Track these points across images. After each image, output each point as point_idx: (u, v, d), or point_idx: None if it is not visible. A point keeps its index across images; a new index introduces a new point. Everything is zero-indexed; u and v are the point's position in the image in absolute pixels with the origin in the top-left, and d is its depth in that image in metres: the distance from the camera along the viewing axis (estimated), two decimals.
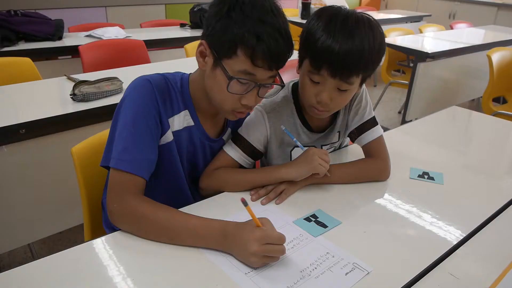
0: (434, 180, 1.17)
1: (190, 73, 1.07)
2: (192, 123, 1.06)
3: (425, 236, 0.93)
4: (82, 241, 0.87)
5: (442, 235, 0.93)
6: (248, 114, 1.18)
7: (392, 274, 0.80)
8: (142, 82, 0.98)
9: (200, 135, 1.08)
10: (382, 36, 0.99)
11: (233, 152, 1.11)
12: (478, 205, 1.06)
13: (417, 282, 0.78)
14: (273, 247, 0.79)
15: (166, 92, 1.00)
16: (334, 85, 0.98)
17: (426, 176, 1.18)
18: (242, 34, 0.86)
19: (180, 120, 1.03)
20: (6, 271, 0.76)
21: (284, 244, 0.80)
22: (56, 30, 2.76)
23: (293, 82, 1.18)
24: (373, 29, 0.96)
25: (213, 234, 0.84)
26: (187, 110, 1.04)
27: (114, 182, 0.92)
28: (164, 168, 1.04)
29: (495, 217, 1.00)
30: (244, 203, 0.80)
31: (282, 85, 1.00)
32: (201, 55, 0.96)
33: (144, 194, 0.93)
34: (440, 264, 0.83)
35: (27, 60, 2.16)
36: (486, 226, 0.97)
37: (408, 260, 0.84)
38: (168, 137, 1.01)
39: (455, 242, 0.90)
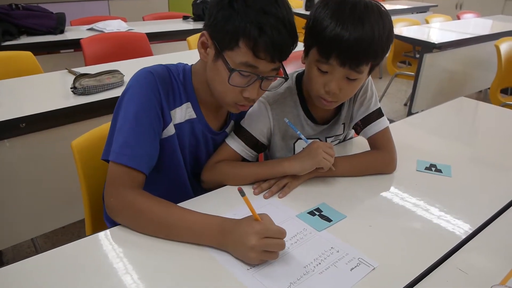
0: (441, 172, 1.14)
1: (192, 64, 1.04)
2: (194, 116, 1.03)
3: (433, 230, 0.90)
4: (85, 235, 0.86)
5: (450, 229, 0.90)
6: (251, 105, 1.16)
7: (399, 270, 0.78)
8: (144, 74, 0.95)
9: (203, 128, 1.06)
10: (391, 23, 0.96)
11: (235, 144, 1.09)
12: (487, 198, 1.03)
13: (425, 278, 0.76)
14: (273, 241, 0.76)
15: (169, 84, 0.98)
16: (343, 74, 0.95)
17: (433, 169, 1.16)
18: (244, 25, 0.83)
19: (182, 113, 1.01)
20: (10, 265, 0.75)
21: (284, 239, 0.78)
22: (58, 23, 2.74)
23: (297, 73, 1.15)
24: (383, 15, 0.93)
25: (211, 231, 0.81)
26: (189, 103, 1.02)
27: (112, 176, 0.90)
28: (165, 161, 1.02)
29: (505, 211, 0.98)
30: (241, 192, 0.77)
31: (286, 77, 0.97)
32: (202, 46, 0.94)
33: (144, 188, 0.92)
34: (449, 259, 0.81)
35: (28, 54, 2.15)
36: (495, 220, 0.94)
37: (415, 255, 0.82)
38: (170, 130, 0.99)
39: (463, 237, 0.87)
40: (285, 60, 0.91)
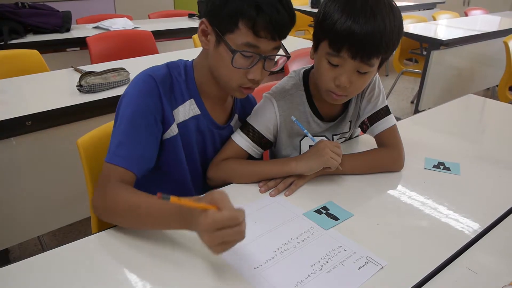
0: (450, 170, 1.12)
1: (193, 59, 1.04)
2: (199, 112, 1.03)
3: (441, 229, 0.89)
4: (91, 234, 0.86)
5: (459, 228, 0.89)
6: (256, 102, 1.15)
7: (407, 269, 0.77)
8: (144, 78, 0.95)
9: (208, 123, 1.05)
10: (401, 16, 0.96)
11: (241, 141, 1.08)
12: (497, 196, 1.01)
13: (433, 278, 0.75)
14: (227, 232, 0.67)
15: (170, 84, 0.98)
16: (354, 67, 0.95)
17: (441, 167, 1.14)
18: (242, 7, 0.85)
19: (185, 110, 1.01)
20: (17, 262, 0.75)
21: (291, 238, 0.74)
22: (64, 22, 2.75)
23: (304, 69, 1.15)
24: (393, 9, 0.94)
25: (171, 214, 0.76)
26: (192, 99, 1.02)
27: (102, 174, 0.89)
28: (168, 162, 1.02)
29: None
30: (165, 197, 0.65)
31: (288, 55, 0.97)
32: (203, 34, 0.94)
33: (147, 188, 0.89)
34: (458, 258, 0.80)
35: (34, 52, 2.15)
36: (505, 219, 0.92)
37: (424, 254, 0.81)
38: (173, 130, 0.99)
39: (473, 236, 0.86)
40: (284, 38, 0.92)
